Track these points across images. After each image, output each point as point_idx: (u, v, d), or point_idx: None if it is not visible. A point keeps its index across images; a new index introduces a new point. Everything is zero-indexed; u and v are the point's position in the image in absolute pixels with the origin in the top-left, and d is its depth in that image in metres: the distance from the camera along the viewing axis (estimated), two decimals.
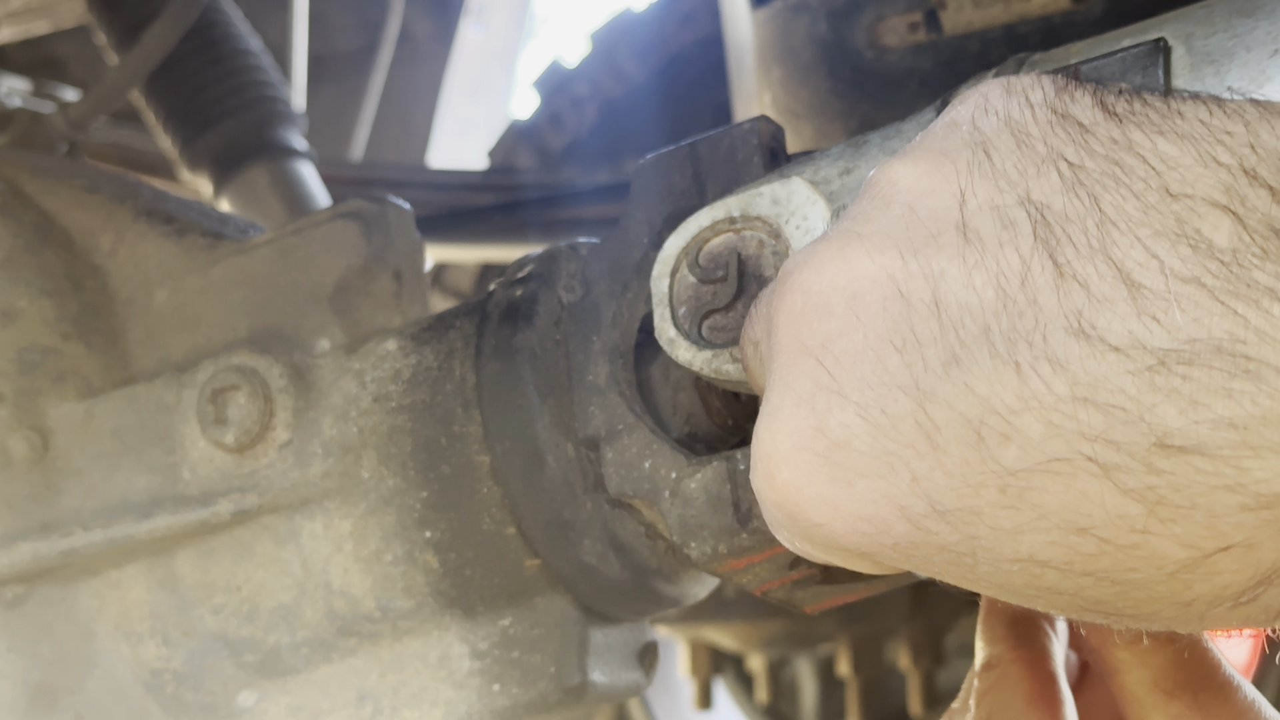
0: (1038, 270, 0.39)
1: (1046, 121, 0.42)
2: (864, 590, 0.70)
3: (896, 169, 0.44)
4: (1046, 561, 0.40)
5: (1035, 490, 0.39)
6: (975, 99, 0.45)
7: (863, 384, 0.41)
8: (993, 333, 0.39)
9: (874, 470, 0.41)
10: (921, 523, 0.41)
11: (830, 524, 0.43)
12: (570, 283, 0.74)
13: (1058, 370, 0.38)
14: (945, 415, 0.40)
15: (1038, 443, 0.38)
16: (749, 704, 2.16)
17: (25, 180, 0.88)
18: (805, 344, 0.43)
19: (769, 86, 1.10)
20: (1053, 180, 0.40)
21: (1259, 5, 0.50)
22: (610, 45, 1.94)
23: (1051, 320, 0.38)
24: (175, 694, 0.81)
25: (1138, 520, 0.38)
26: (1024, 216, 0.40)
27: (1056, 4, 0.95)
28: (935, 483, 0.40)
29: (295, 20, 1.58)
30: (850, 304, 0.42)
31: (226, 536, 0.79)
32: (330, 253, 0.81)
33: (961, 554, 0.41)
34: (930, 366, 0.40)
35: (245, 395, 0.77)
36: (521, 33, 3.09)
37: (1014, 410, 0.39)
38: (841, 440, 0.42)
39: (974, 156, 0.42)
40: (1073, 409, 0.38)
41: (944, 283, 0.40)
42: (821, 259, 0.44)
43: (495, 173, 1.90)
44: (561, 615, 0.75)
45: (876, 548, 0.43)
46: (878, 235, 0.43)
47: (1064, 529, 0.39)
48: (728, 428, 0.71)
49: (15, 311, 0.84)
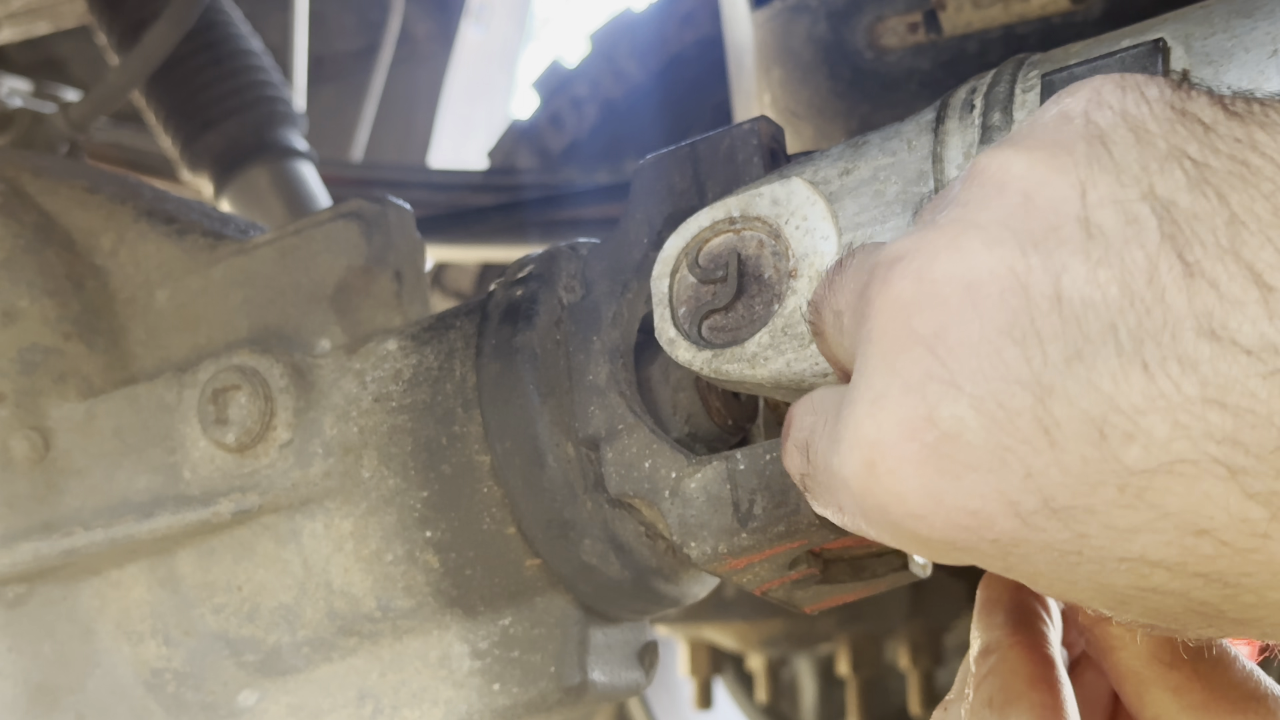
0: (1165, 269, 0.38)
1: (1166, 118, 0.41)
2: (864, 590, 0.71)
3: (1009, 156, 0.43)
4: (1158, 561, 0.40)
5: (1156, 490, 0.38)
6: (1086, 92, 0.44)
7: (978, 376, 0.40)
8: (1119, 330, 0.39)
9: (985, 464, 0.40)
10: (1030, 519, 0.40)
11: (930, 517, 0.42)
12: (570, 283, 0.74)
13: (1187, 371, 0.38)
14: (1066, 412, 0.39)
15: (1163, 443, 0.38)
16: (749, 703, 2.16)
17: (26, 180, 0.88)
18: (916, 331, 0.42)
19: (769, 87, 1.11)
20: (1177, 177, 0.40)
21: (1258, 6, 0.51)
22: (610, 46, 1.94)
23: (1181, 320, 0.38)
24: (176, 693, 0.81)
25: (1260, 524, 0.38)
26: (1148, 212, 0.39)
27: (1056, 4, 0.95)
28: (1050, 479, 0.40)
29: (296, 20, 1.58)
30: (967, 295, 0.41)
31: (227, 536, 0.79)
32: (331, 253, 0.81)
33: (1066, 552, 0.41)
34: (1051, 361, 0.39)
35: (246, 395, 0.77)
36: (522, 33, 3.09)
37: (1140, 410, 0.38)
38: (953, 432, 0.41)
39: (1091, 150, 0.41)
40: (1202, 410, 0.37)
41: (1067, 276, 0.40)
42: (935, 247, 0.43)
43: (495, 173, 1.90)
44: (562, 615, 0.75)
45: (974, 543, 0.42)
46: (994, 225, 0.42)
47: (1183, 530, 0.39)
48: (728, 428, 0.71)
49: (16, 311, 0.84)
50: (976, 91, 0.56)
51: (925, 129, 0.57)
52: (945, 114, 0.57)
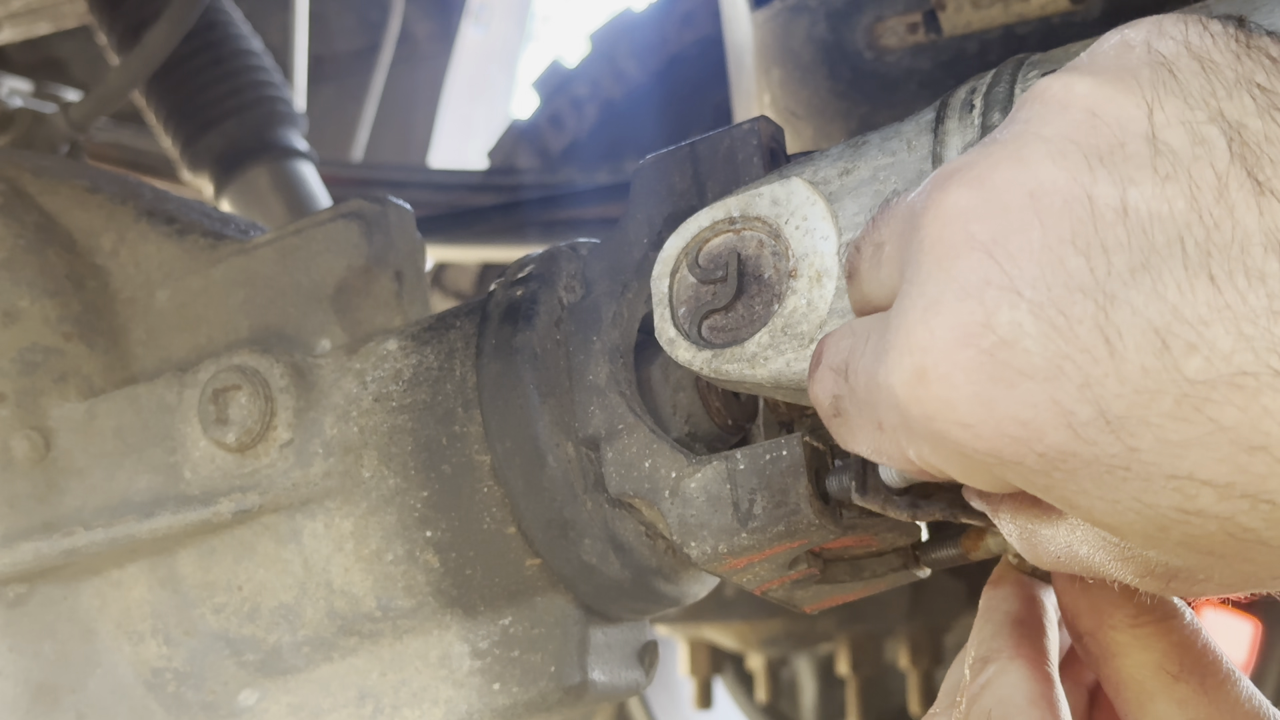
0: (1235, 186, 0.38)
1: (1231, 50, 0.41)
2: (864, 590, 0.71)
3: (1072, 78, 0.43)
4: (1208, 480, 0.39)
5: (1215, 403, 0.38)
6: (1147, 25, 0.43)
7: (1040, 283, 0.40)
8: (1186, 242, 0.38)
9: (1042, 372, 0.40)
10: (1083, 430, 0.40)
11: (979, 425, 0.41)
12: (570, 283, 0.74)
13: (1255, 283, 0.38)
14: (1129, 321, 0.39)
15: (1226, 354, 0.38)
16: (749, 703, 2.17)
17: (27, 181, 0.88)
18: (975, 237, 0.41)
19: (769, 87, 1.11)
20: (1246, 103, 0.40)
21: (1257, 6, 0.51)
22: (610, 46, 1.94)
23: (1250, 235, 0.38)
24: (176, 693, 0.81)
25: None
26: (1218, 133, 0.39)
27: (1055, 4, 0.95)
28: (1108, 389, 0.39)
29: (296, 21, 1.58)
30: (1030, 202, 0.41)
31: (228, 536, 0.79)
32: (331, 253, 0.81)
33: (1115, 468, 0.40)
34: (1116, 271, 0.39)
35: (246, 395, 0.77)
36: (522, 33, 3.09)
37: (1204, 320, 0.38)
38: (1010, 338, 0.40)
39: (1156, 75, 0.41)
40: (1268, 322, 0.37)
41: (1134, 189, 0.39)
42: (996, 158, 0.42)
43: (495, 173, 1.91)
44: (562, 614, 0.75)
45: (1021, 456, 0.41)
46: (1059, 139, 0.41)
47: (1237, 445, 0.38)
48: (728, 428, 0.71)
49: (17, 311, 0.84)
50: (976, 92, 0.56)
51: (925, 129, 0.57)
52: (945, 114, 0.57)
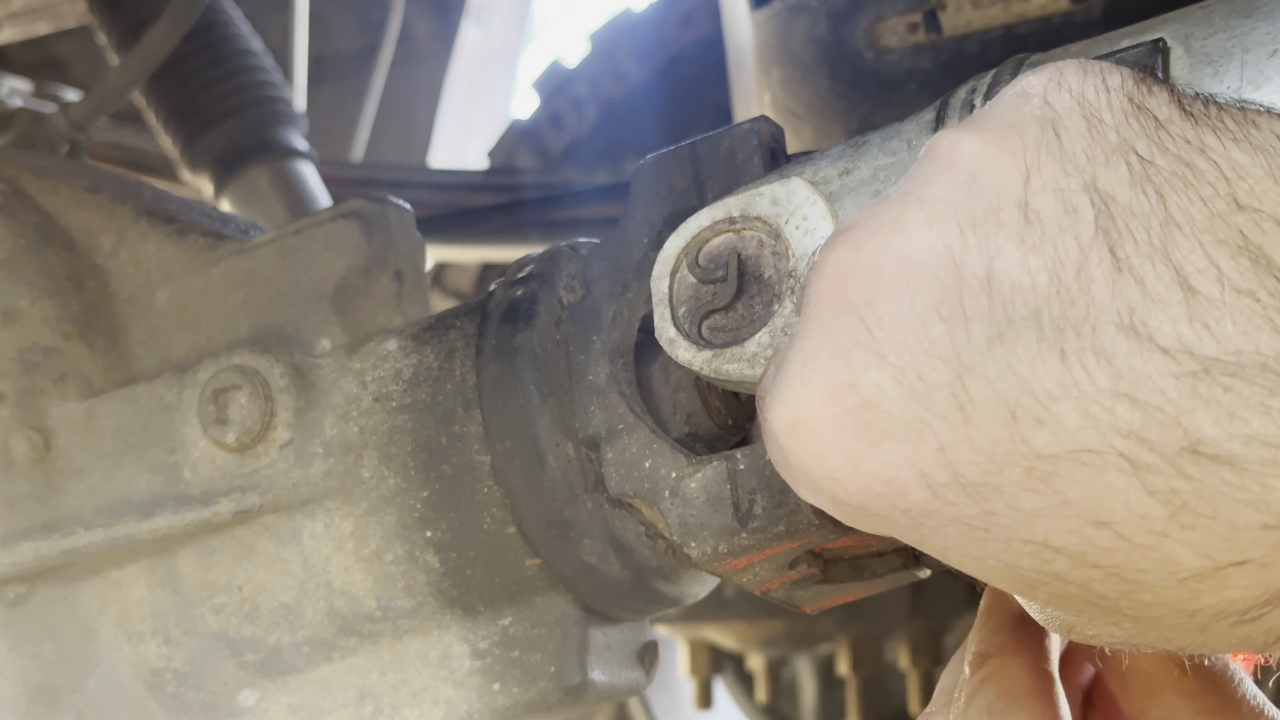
0: (1095, 261, 0.39)
1: (1121, 110, 0.42)
2: (864, 590, 0.71)
3: (961, 135, 0.44)
4: (1060, 548, 0.40)
5: (1061, 477, 0.39)
6: (1050, 72, 0.44)
7: (903, 348, 0.41)
8: (1042, 317, 0.39)
9: (901, 434, 0.41)
10: (940, 492, 0.41)
11: (846, 481, 0.43)
12: (570, 283, 0.74)
13: (1103, 362, 0.38)
14: (982, 391, 0.40)
15: (1071, 431, 0.39)
16: (749, 703, 2.17)
17: (27, 180, 0.88)
18: (850, 299, 0.43)
19: (769, 87, 1.11)
20: (1121, 172, 0.40)
21: (1257, 6, 0.51)
22: (610, 46, 1.94)
23: (1103, 313, 0.38)
24: (176, 693, 0.81)
25: (1158, 522, 0.38)
26: (1088, 204, 0.40)
27: (1055, 5, 0.95)
28: (961, 455, 0.40)
29: (296, 21, 1.58)
30: (902, 268, 0.42)
31: (228, 536, 0.79)
32: (331, 253, 0.81)
33: (974, 528, 0.41)
34: (974, 341, 0.40)
35: (246, 395, 0.77)
36: (522, 33, 3.09)
37: (1052, 396, 0.39)
38: (873, 400, 0.42)
39: (1043, 134, 0.42)
40: (1112, 403, 0.38)
41: (999, 260, 0.40)
42: (880, 220, 0.44)
43: (496, 173, 1.91)
44: (562, 615, 0.75)
45: (888, 511, 0.43)
46: (937, 203, 0.43)
47: (1084, 519, 0.39)
48: (728, 428, 0.71)
49: (17, 311, 0.84)
50: (976, 91, 0.56)
51: (925, 129, 0.57)
52: (945, 114, 0.57)
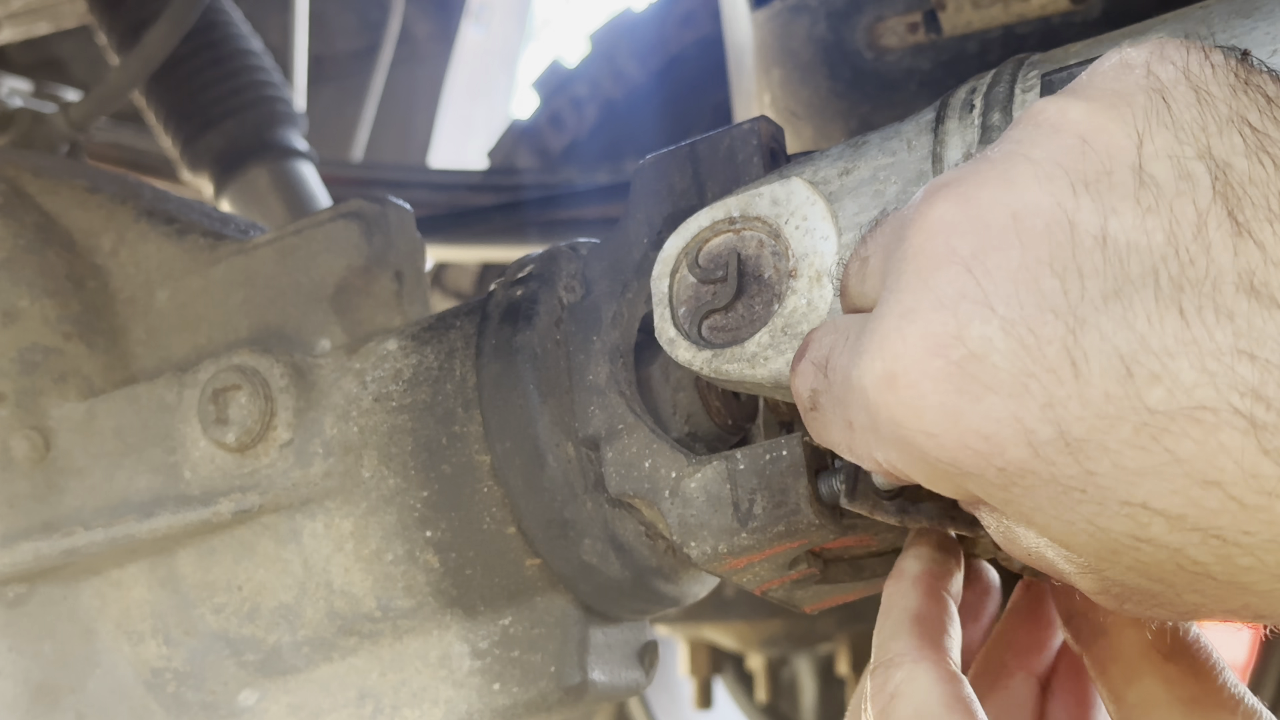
0: (1214, 225, 0.39)
1: (1229, 84, 0.42)
2: (864, 590, 0.71)
3: (1068, 101, 0.43)
4: (1161, 510, 0.40)
5: (1173, 435, 0.39)
6: (1150, 47, 0.44)
7: (1013, 301, 0.41)
8: (1160, 275, 0.39)
9: (1007, 388, 0.41)
10: (1042, 449, 0.40)
11: (943, 435, 0.42)
12: (570, 283, 0.74)
13: (1223, 320, 0.38)
14: (1097, 345, 0.39)
15: (1188, 387, 0.38)
16: (749, 703, 2.16)
17: (27, 181, 0.88)
18: (956, 251, 0.42)
19: (769, 87, 1.11)
20: (1235, 142, 0.40)
21: (1258, 6, 0.51)
22: (610, 46, 1.94)
23: (1223, 273, 0.38)
24: (176, 693, 0.81)
25: (1271, 482, 0.38)
26: (1204, 170, 0.40)
27: (1055, 5, 0.95)
28: (1069, 411, 0.40)
29: (296, 21, 1.58)
30: (1012, 222, 0.41)
31: (228, 536, 0.79)
32: (331, 253, 0.81)
33: (1070, 489, 0.41)
34: (1089, 296, 0.40)
35: (246, 395, 0.77)
36: (522, 33, 3.09)
37: (1170, 352, 0.38)
38: (980, 352, 0.41)
39: (1151, 102, 0.42)
40: (1232, 360, 0.38)
41: (1115, 219, 0.40)
42: (984, 176, 0.43)
43: (495, 173, 1.91)
44: (562, 614, 0.75)
45: (981, 468, 0.42)
46: (1048, 162, 0.42)
47: (1192, 478, 0.39)
48: (728, 427, 0.71)
49: (17, 311, 0.84)
50: (976, 91, 0.56)
51: (925, 129, 0.57)
52: (945, 114, 0.57)
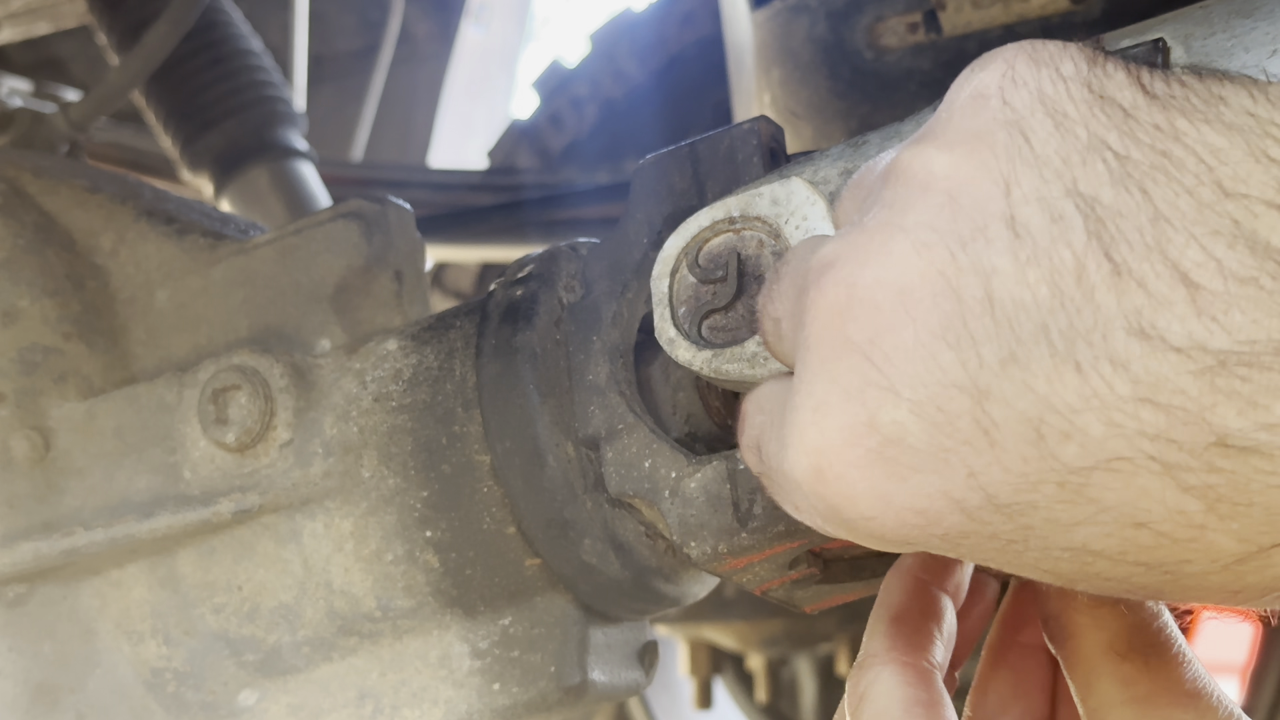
0: (1093, 268, 0.39)
1: (1084, 101, 0.41)
2: (864, 590, 0.71)
3: (930, 154, 0.43)
4: (1100, 552, 0.40)
5: (1095, 486, 0.39)
6: (999, 66, 0.43)
7: (916, 381, 0.41)
8: (1050, 330, 0.39)
9: (929, 466, 0.41)
10: (975, 515, 0.41)
11: (880, 517, 0.43)
12: (570, 283, 0.74)
13: (1119, 370, 0.38)
14: (1004, 413, 0.40)
15: (1099, 441, 0.39)
16: (749, 703, 2.16)
17: (27, 180, 0.88)
18: (851, 339, 0.42)
19: (769, 87, 1.11)
20: (1099, 171, 0.40)
21: (1257, 6, 0.51)
22: (610, 46, 1.94)
23: (1111, 319, 0.38)
24: (176, 693, 0.81)
25: (1196, 516, 0.38)
26: (1073, 210, 0.39)
27: (1055, 4, 0.95)
28: (992, 478, 0.40)
29: (296, 20, 1.58)
30: (899, 300, 0.42)
31: (227, 536, 0.79)
32: (331, 253, 0.81)
33: (1011, 542, 0.42)
34: (986, 364, 0.40)
35: (246, 395, 0.77)
36: (522, 33, 3.09)
37: (1075, 409, 0.39)
38: (895, 436, 0.42)
39: (1011, 140, 0.41)
40: (1135, 409, 0.38)
41: (997, 278, 0.40)
42: (865, 252, 0.43)
43: (495, 173, 1.91)
44: (562, 614, 0.75)
45: (924, 537, 0.43)
46: (921, 228, 0.42)
47: (1122, 523, 0.39)
48: (728, 427, 0.71)
49: (17, 311, 0.84)
50: None
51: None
52: None
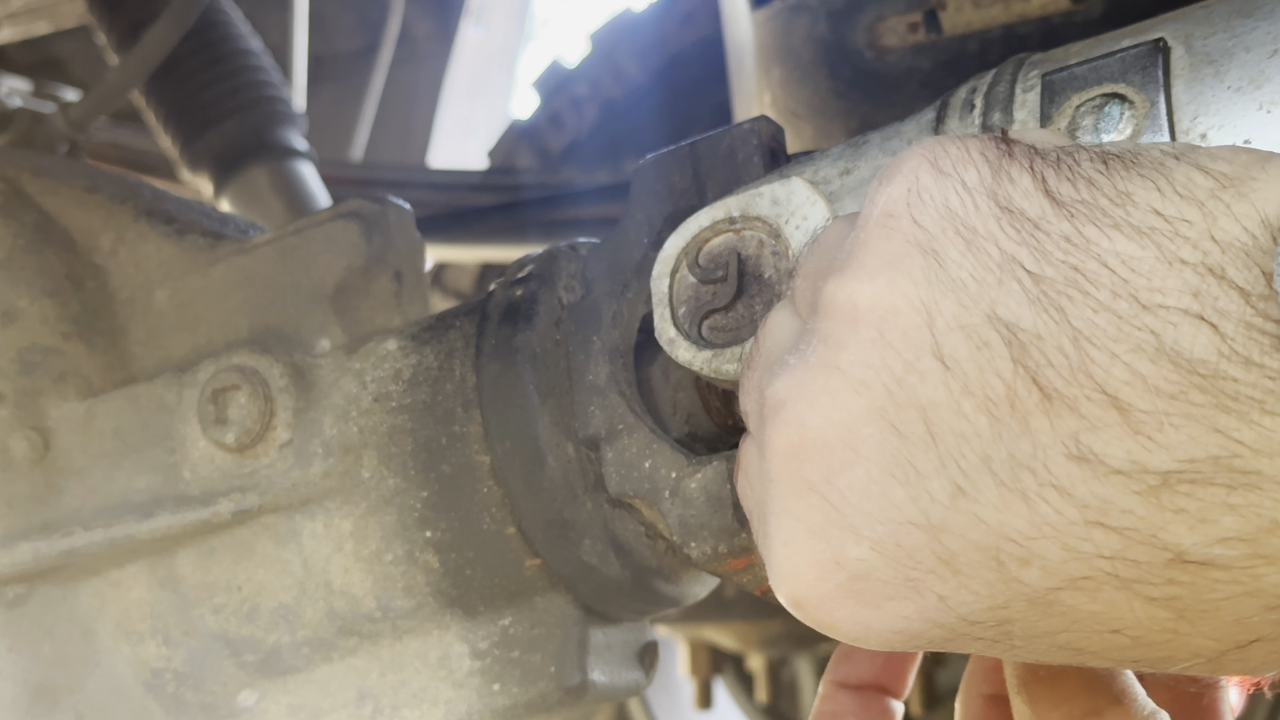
0: (1024, 395, 0.39)
1: (991, 215, 0.41)
2: None
3: (853, 286, 0.43)
4: (1084, 649, 0.41)
5: (1065, 602, 0.40)
6: (903, 180, 0.43)
7: (872, 519, 0.42)
8: (993, 461, 0.39)
9: (900, 594, 0.42)
10: (956, 628, 0.42)
11: (866, 637, 0.44)
12: (570, 283, 0.74)
13: (1065, 497, 0.38)
14: (960, 544, 0.40)
15: (1058, 564, 0.39)
16: (749, 703, 2.16)
17: (26, 180, 0.88)
18: (808, 479, 0.43)
19: (769, 87, 1.11)
20: (1015, 292, 0.39)
21: (1258, 6, 0.51)
22: (610, 45, 1.94)
23: (1049, 446, 0.38)
24: (176, 693, 0.81)
25: (1168, 622, 0.39)
26: (996, 337, 0.39)
27: (1056, 4, 0.95)
28: (962, 600, 0.41)
29: (295, 20, 1.58)
30: (847, 440, 0.42)
31: (227, 536, 0.79)
32: (331, 253, 0.81)
33: (997, 643, 0.43)
34: (937, 499, 0.40)
35: (246, 395, 0.77)
36: (521, 33, 3.09)
37: (1029, 537, 0.39)
38: (861, 572, 0.42)
39: (926, 264, 0.41)
40: (1087, 532, 0.38)
41: (934, 412, 0.40)
42: (811, 392, 0.44)
43: (495, 173, 1.90)
44: (561, 615, 0.75)
45: (912, 646, 0.44)
46: (856, 367, 0.42)
47: (1099, 629, 0.40)
48: (728, 428, 0.71)
49: (16, 311, 0.84)
50: (977, 91, 0.56)
51: (926, 129, 0.57)
52: (945, 114, 0.57)
